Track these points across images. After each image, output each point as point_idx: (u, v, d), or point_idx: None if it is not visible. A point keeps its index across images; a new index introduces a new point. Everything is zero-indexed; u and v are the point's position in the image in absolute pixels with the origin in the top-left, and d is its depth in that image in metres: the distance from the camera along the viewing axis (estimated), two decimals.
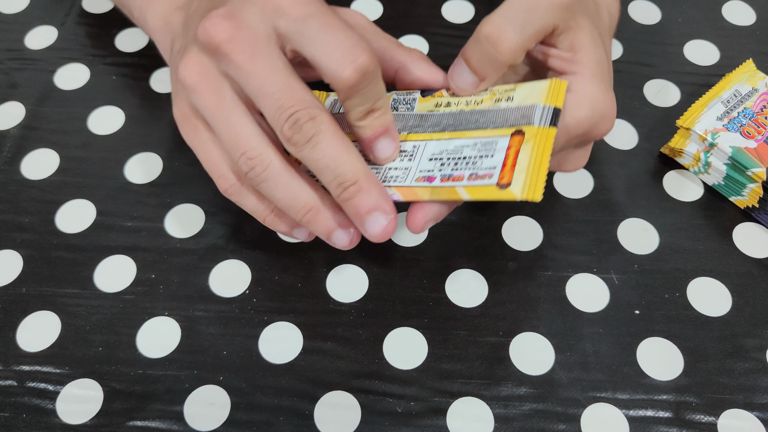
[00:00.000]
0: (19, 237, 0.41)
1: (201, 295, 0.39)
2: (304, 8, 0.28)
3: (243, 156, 0.29)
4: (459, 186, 0.29)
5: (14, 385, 0.36)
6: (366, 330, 0.38)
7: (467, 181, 0.29)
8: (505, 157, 0.29)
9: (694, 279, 0.39)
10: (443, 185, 0.30)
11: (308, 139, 0.28)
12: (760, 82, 0.43)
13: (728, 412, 0.35)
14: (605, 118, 0.31)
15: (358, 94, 0.28)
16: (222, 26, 0.28)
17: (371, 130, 0.30)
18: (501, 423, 0.35)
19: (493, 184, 0.28)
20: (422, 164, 0.31)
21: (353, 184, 0.28)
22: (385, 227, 0.29)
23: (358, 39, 0.28)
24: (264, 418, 0.35)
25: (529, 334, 0.38)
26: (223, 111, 0.29)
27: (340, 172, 0.28)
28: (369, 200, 0.29)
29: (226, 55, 0.28)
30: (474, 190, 0.29)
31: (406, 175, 0.31)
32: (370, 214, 0.29)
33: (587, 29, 0.32)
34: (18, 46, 0.49)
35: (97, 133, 0.45)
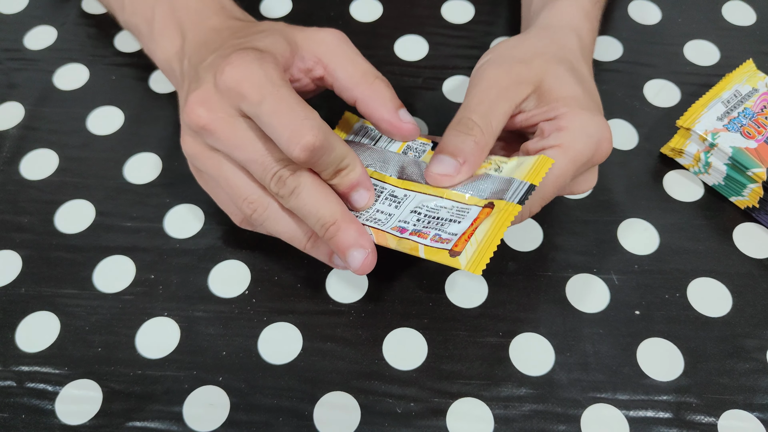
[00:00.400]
0: (19, 237, 0.41)
1: (200, 295, 0.39)
2: (258, 93, 0.31)
3: (245, 202, 0.34)
4: (421, 243, 0.32)
5: (13, 385, 0.36)
6: (366, 330, 0.38)
7: (429, 241, 0.32)
8: (468, 227, 0.31)
9: (694, 279, 0.39)
10: (410, 238, 0.32)
11: (291, 191, 0.32)
12: (760, 82, 0.43)
13: (728, 412, 0.35)
14: (602, 142, 0.34)
15: (316, 164, 0.32)
16: (199, 112, 0.33)
17: (342, 187, 0.34)
18: (501, 424, 0.35)
19: (447, 249, 0.31)
20: (403, 214, 0.34)
21: (333, 224, 0.32)
22: (364, 261, 0.32)
23: (302, 118, 0.31)
24: (263, 419, 0.35)
25: (529, 334, 0.38)
26: (220, 173, 0.34)
27: (320, 216, 0.32)
28: (348, 238, 0.32)
29: (211, 134, 0.33)
30: (430, 251, 0.31)
31: (387, 220, 0.34)
32: (350, 250, 0.32)
33: (553, 73, 0.35)
34: (17, 46, 0.49)
35: (97, 134, 0.45)
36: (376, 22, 0.51)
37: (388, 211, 0.34)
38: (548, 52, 0.36)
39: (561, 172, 0.33)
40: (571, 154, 0.33)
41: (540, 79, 0.35)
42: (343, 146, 0.33)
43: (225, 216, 0.41)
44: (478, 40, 0.49)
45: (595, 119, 0.34)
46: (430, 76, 0.48)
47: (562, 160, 0.33)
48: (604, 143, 0.34)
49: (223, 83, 0.32)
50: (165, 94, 0.47)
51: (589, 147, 0.33)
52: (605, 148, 0.34)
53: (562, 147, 0.33)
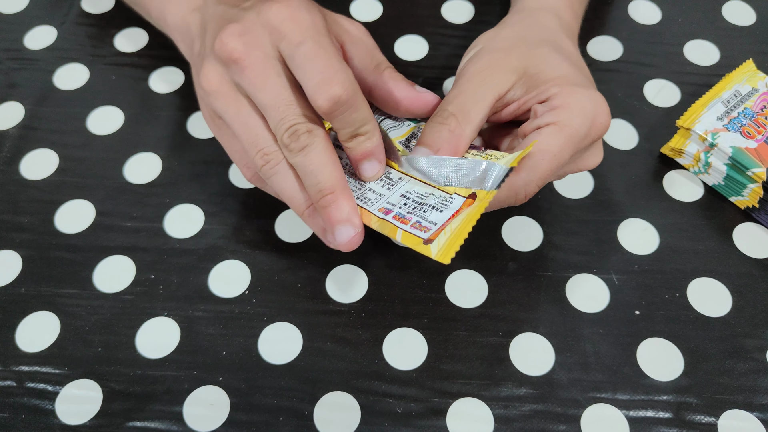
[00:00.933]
0: (18, 237, 0.41)
1: (200, 295, 0.39)
2: (300, 35, 0.31)
3: (259, 152, 0.33)
4: (400, 228, 0.32)
5: (13, 385, 0.36)
6: (366, 330, 0.38)
7: (409, 227, 0.32)
8: (449, 218, 0.32)
9: (694, 279, 0.39)
10: (392, 221, 0.32)
11: (302, 147, 0.32)
12: (760, 82, 0.43)
13: (728, 412, 0.35)
14: (598, 115, 0.33)
15: (335, 120, 0.31)
16: (236, 43, 0.32)
17: (355, 153, 0.33)
18: (501, 423, 0.35)
19: (423, 238, 0.31)
20: (393, 197, 0.34)
21: (330, 194, 0.32)
22: (351, 238, 0.32)
23: (336, 69, 0.30)
24: (263, 419, 0.35)
25: (529, 334, 0.38)
26: (240, 115, 0.33)
27: (320, 180, 0.32)
28: (340, 212, 0.32)
29: (241, 69, 0.32)
30: (407, 237, 0.31)
31: (376, 200, 0.34)
32: (340, 224, 0.32)
33: (538, 57, 0.35)
34: (17, 46, 0.49)
35: (97, 134, 0.45)
36: (376, 22, 0.51)
37: (379, 191, 0.34)
38: (528, 36, 0.36)
39: (558, 150, 0.33)
40: (567, 131, 0.33)
41: (524, 65, 0.35)
42: (367, 111, 0.32)
43: (225, 216, 0.41)
44: None
45: (589, 93, 0.34)
46: (430, 76, 0.48)
47: (558, 137, 0.32)
48: (600, 116, 0.33)
49: (267, 19, 0.32)
50: (165, 94, 0.47)
51: (585, 122, 0.33)
52: (602, 121, 0.34)
53: (558, 124, 0.33)
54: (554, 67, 0.35)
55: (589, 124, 0.33)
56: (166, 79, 0.48)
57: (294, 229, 0.41)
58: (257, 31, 0.32)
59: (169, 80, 0.48)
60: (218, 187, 0.43)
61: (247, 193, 0.42)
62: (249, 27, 0.32)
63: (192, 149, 0.44)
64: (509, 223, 0.41)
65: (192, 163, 0.44)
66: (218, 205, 0.42)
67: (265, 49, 0.32)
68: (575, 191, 0.43)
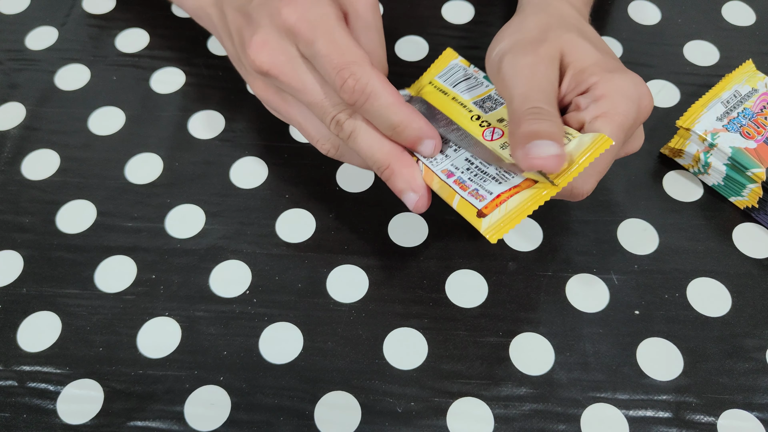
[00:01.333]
0: (20, 237, 0.41)
1: (201, 295, 0.39)
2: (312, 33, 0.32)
3: (318, 143, 0.36)
4: (458, 194, 0.32)
5: (15, 385, 0.36)
6: (366, 330, 0.38)
7: (467, 194, 0.32)
8: (505, 191, 0.31)
9: (693, 279, 0.40)
10: (452, 186, 0.32)
11: (348, 134, 0.34)
12: (760, 82, 0.43)
13: (728, 412, 0.36)
14: (642, 98, 0.33)
15: (364, 111, 0.32)
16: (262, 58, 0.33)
17: (402, 142, 0.34)
18: (501, 423, 0.35)
19: (477, 208, 0.31)
20: (458, 160, 0.33)
21: (387, 168, 0.33)
22: (416, 203, 0.33)
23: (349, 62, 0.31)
24: (264, 418, 0.35)
25: (529, 334, 0.38)
26: (291, 115, 0.36)
27: (375, 159, 0.34)
28: (400, 183, 0.33)
29: (275, 78, 0.34)
30: (463, 204, 0.32)
31: (442, 161, 0.34)
32: (403, 193, 0.33)
33: (570, 43, 0.34)
34: (18, 46, 0.50)
35: (98, 134, 0.45)
36: None
37: (447, 152, 0.34)
38: (552, 23, 0.35)
39: (614, 141, 0.31)
40: (618, 119, 0.32)
41: (560, 52, 0.34)
42: (391, 97, 0.32)
43: (226, 216, 0.42)
44: (478, 40, 0.49)
45: (628, 78, 0.33)
46: None
47: (609, 128, 0.31)
48: (644, 99, 0.33)
49: (281, 24, 0.33)
50: (166, 94, 0.47)
51: (632, 107, 0.32)
52: (647, 103, 0.33)
53: (607, 115, 0.32)
54: (587, 55, 0.34)
55: (636, 109, 0.32)
56: (167, 80, 0.48)
57: (294, 229, 0.41)
58: (275, 38, 0.33)
59: (170, 81, 0.48)
60: (219, 187, 0.43)
61: (248, 194, 0.43)
62: (267, 37, 0.33)
63: (193, 149, 0.44)
64: None
65: (193, 164, 0.44)
66: (219, 205, 0.42)
67: (288, 53, 0.33)
68: None
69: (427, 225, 0.41)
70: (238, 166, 0.44)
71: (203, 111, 0.46)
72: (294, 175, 0.43)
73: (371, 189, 0.43)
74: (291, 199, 0.42)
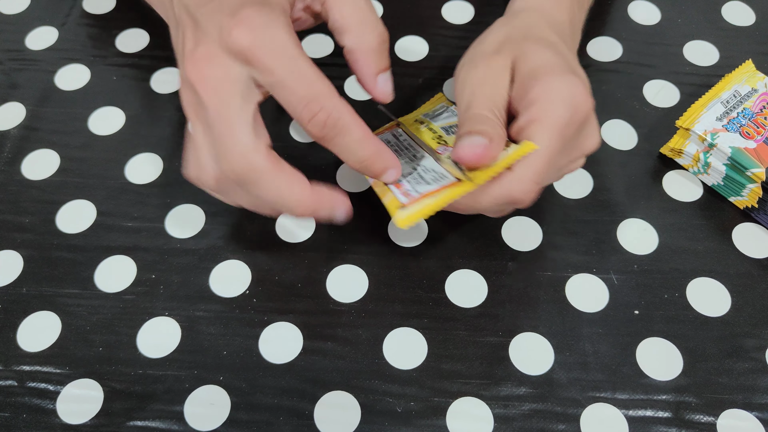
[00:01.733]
0: (20, 237, 0.41)
1: (201, 295, 0.39)
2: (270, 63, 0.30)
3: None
4: (392, 192, 0.34)
5: (14, 385, 0.36)
6: (366, 330, 0.38)
7: (399, 192, 0.34)
8: (430, 191, 0.33)
9: (693, 279, 0.40)
10: (389, 186, 0.34)
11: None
12: (760, 82, 0.43)
13: (727, 412, 0.36)
14: (576, 97, 0.32)
15: (331, 146, 0.32)
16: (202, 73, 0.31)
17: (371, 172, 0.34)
18: (501, 423, 0.35)
19: (401, 203, 0.33)
20: (405, 169, 0.35)
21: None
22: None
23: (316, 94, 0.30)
24: (264, 418, 0.35)
25: (528, 334, 0.38)
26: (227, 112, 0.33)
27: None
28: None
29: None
30: (391, 200, 0.33)
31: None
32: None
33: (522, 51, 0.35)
34: (19, 46, 0.50)
35: (98, 134, 0.45)
36: None
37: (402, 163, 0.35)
38: (514, 35, 0.36)
39: (546, 144, 0.32)
40: (549, 123, 0.32)
41: (513, 62, 0.34)
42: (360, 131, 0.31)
43: (226, 216, 0.42)
44: None
45: (564, 78, 0.33)
46: (430, 76, 0.48)
47: (540, 133, 0.32)
48: (578, 98, 0.32)
49: (231, 45, 0.30)
50: (166, 94, 0.47)
51: (566, 109, 0.32)
52: (581, 102, 0.32)
53: (538, 120, 0.32)
54: (537, 61, 0.34)
55: (570, 110, 0.32)
56: (167, 80, 0.48)
57: (294, 230, 0.41)
58: (220, 54, 0.30)
59: (170, 81, 0.48)
60: None
61: None
62: (211, 51, 0.30)
63: None
64: (509, 223, 0.41)
65: None
66: (219, 205, 0.42)
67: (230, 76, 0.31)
68: (575, 191, 0.43)
69: (427, 225, 0.41)
70: None
71: None
72: None
73: (371, 189, 0.43)
74: None
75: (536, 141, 0.32)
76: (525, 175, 0.32)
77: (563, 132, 0.32)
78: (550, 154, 0.32)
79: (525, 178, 0.32)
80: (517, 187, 0.32)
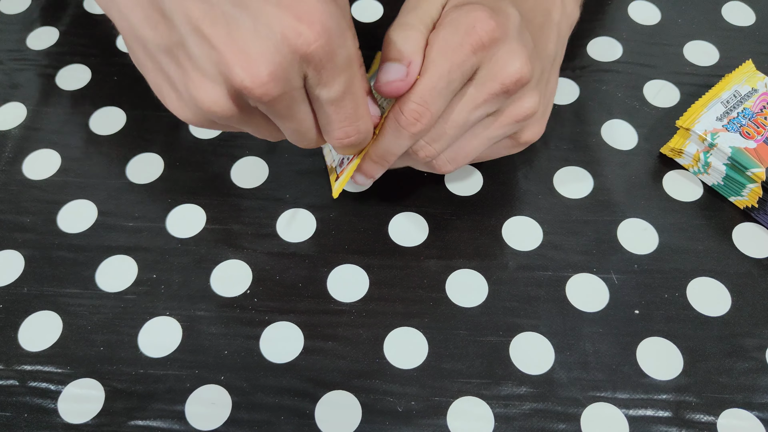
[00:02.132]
0: (21, 237, 0.41)
1: (202, 294, 0.39)
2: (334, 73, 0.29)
3: None
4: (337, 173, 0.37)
5: (16, 384, 0.36)
6: (366, 330, 0.38)
7: (339, 171, 0.37)
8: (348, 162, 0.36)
9: (693, 279, 0.40)
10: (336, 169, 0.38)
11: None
12: (760, 82, 0.43)
13: (728, 411, 0.36)
14: (472, 20, 0.31)
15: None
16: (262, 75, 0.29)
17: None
18: (501, 422, 0.35)
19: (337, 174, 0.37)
20: None
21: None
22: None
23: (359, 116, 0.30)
24: (265, 418, 0.35)
25: (529, 333, 0.38)
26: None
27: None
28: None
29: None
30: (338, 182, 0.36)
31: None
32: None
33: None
34: (20, 46, 0.50)
35: (99, 134, 0.45)
36: (376, 22, 0.51)
37: None
38: None
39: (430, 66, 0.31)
40: (435, 47, 0.31)
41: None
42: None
43: (227, 216, 0.42)
44: None
45: (469, 7, 0.31)
46: None
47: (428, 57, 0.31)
48: (474, 21, 0.31)
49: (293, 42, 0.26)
50: None
51: (454, 31, 0.31)
52: (479, 25, 0.31)
53: (428, 45, 0.31)
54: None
55: (460, 33, 0.31)
56: None
57: (296, 229, 0.41)
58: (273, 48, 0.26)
59: None
60: (220, 187, 0.43)
61: (249, 193, 0.43)
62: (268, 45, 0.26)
63: (194, 149, 0.45)
64: (509, 223, 0.41)
65: (194, 163, 0.44)
66: (220, 205, 0.42)
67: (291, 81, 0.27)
68: (575, 191, 0.43)
69: (427, 225, 0.41)
70: (238, 166, 0.44)
71: None
72: (294, 174, 0.43)
73: (372, 189, 0.43)
74: (291, 198, 0.42)
75: (425, 64, 0.31)
76: (409, 98, 0.31)
77: (451, 54, 0.31)
78: (434, 74, 0.31)
79: (409, 100, 0.31)
80: (403, 110, 0.32)
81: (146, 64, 0.31)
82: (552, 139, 0.45)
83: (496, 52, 0.32)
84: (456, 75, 0.31)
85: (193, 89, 0.28)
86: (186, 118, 0.30)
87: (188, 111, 0.30)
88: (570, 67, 0.48)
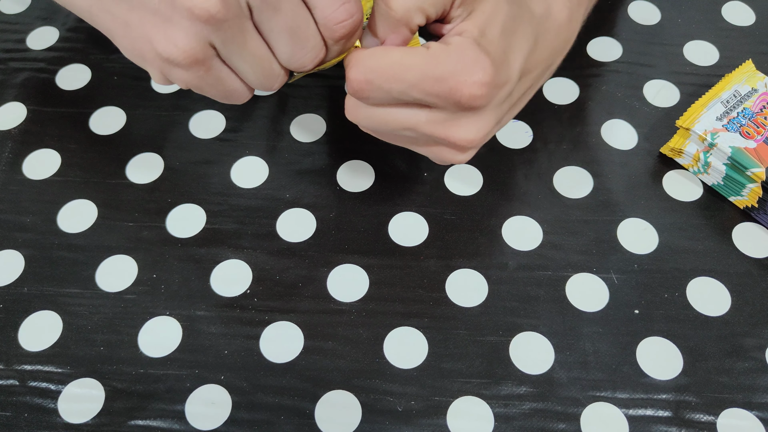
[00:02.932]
0: (21, 237, 0.41)
1: (202, 294, 0.39)
2: None
3: None
4: None
5: (16, 384, 0.36)
6: (366, 329, 0.38)
7: None
8: None
9: (693, 279, 0.40)
10: None
11: None
12: (760, 82, 0.43)
13: (728, 411, 0.36)
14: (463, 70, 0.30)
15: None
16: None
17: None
18: (501, 422, 0.35)
19: None
20: None
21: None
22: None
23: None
24: (265, 417, 0.35)
25: (528, 333, 0.38)
26: None
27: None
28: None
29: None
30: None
31: None
32: None
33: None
34: (20, 46, 0.50)
35: (99, 133, 0.45)
36: None
37: None
38: None
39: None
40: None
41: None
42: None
43: (227, 215, 0.42)
44: None
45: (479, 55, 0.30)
46: None
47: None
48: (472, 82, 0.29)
49: None
50: (167, 94, 0.47)
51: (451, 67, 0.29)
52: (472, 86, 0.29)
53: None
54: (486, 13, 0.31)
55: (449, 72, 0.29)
56: None
57: (295, 229, 0.41)
58: None
59: None
60: (220, 186, 0.43)
61: (249, 193, 0.43)
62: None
63: (194, 149, 0.45)
64: (509, 223, 0.41)
65: (194, 163, 0.44)
66: (220, 204, 0.42)
67: None
68: (575, 191, 0.43)
69: (427, 224, 0.41)
70: (238, 165, 0.44)
71: (203, 111, 0.46)
72: (294, 174, 0.43)
73: (371, 189, 0.43)
74: (291, 198, 0.42)
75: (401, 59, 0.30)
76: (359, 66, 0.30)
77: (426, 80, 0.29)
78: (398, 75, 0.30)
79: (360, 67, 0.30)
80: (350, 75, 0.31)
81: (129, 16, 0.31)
82: (552, 139, 0.45)
83: (466, 114, 0.31)
84: (414, 94, 0.30)
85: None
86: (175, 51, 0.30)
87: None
88: (570, 67, 0.48)
